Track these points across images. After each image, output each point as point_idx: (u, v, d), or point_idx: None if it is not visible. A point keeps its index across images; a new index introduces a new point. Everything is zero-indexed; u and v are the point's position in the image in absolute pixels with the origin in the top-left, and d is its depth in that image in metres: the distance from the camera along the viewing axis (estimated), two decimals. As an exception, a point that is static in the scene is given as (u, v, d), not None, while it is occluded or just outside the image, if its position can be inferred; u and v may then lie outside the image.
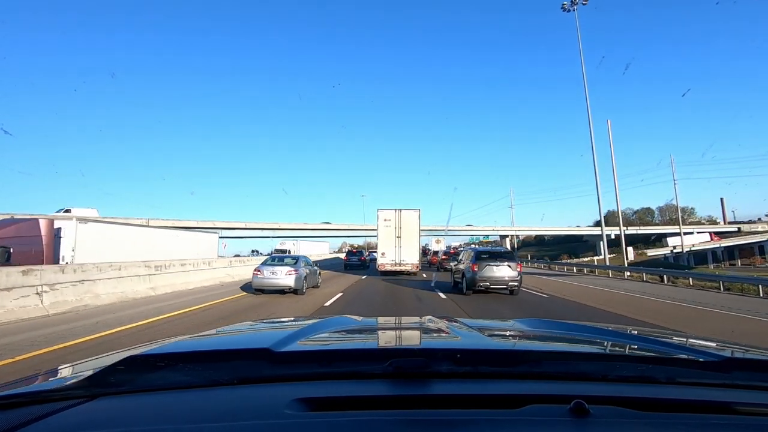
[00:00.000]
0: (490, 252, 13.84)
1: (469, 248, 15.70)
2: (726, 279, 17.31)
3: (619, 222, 23.90)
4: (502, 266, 12.83)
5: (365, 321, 1.93)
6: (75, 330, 7.07)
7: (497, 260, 12.95)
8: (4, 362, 5.08)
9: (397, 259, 20.77)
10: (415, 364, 0.89)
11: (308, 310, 10.14)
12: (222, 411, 0.76)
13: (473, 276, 12.81)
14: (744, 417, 0.77)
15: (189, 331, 2.82)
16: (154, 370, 0.92)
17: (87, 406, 0.79)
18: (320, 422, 0.72)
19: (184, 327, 7.49)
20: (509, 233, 70.94)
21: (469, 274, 13.03)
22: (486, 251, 13.88)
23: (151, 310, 9.39)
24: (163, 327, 7.55)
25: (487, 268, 12.81)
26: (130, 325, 7.63)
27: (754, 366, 1.09)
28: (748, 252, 57.97)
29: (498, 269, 12.81)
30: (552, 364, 1.03)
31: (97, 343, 6.20)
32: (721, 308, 11.20)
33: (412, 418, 0.74)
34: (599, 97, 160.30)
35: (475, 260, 13.05)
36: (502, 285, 12.86)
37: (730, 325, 8.63)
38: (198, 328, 3.73)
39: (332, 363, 1.03)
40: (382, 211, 21.36)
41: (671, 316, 9.76)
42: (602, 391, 0.83)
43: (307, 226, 57.02)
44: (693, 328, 8.01)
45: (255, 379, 0.90)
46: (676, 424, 0.73)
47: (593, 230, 74.25)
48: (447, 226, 56.79)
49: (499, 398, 0.80)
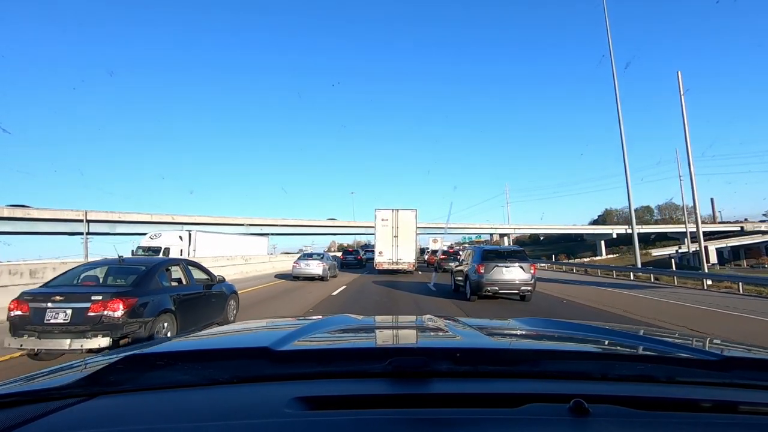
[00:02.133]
0: (499, 251, 11.91)
1: (473, 247, 13.71)
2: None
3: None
4: (513, 267, 10.97)
5: (365, 320, 1.89)
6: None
7: (507, 260, 11.08)
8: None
9: (394, 258, 20.95)
10: (415, 363, 0.88)
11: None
12: (221, 410, 0.76)
13: (479, 279, 10.95)
14: (744, 416, 0.76)
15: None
16: (154, 369, 0.92)
17: (86, 404, 0.80)
18: (320, 421, 0.72)
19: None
20: (508, 231, 69.25)
21: (474, 276, 11.16)
22: (494, 250, 11.95)
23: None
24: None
25: (496, 269, 10.94)
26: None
27: (753, 365, 1.06)
28: (755, 252, 56.56)
29: (508, 271, 10.95)
30: (551, 363, 1.04)
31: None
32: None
33: (411, 417, 0.74)
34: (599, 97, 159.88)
35: (480, 260, 11.18)
36: (512, 290, 11.00)
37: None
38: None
39: (332, 362, 1.02)
40: (380, 210, 21.47)
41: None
42: (602, 390, 0.83)
43: (288, 222, 51.74)
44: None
45: (254, 378, 0.90)
46: (675, 423, 0.73)
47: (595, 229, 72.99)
48: (447, 223, 55.46)
49: (499, 397, 0.80)
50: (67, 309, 4.62)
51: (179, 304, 5.76)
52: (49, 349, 4.72)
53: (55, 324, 4.59)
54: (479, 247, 12.87)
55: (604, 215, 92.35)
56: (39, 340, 4.61)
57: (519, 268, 11.00)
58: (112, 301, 4.68)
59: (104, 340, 4.58)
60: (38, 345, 4.64)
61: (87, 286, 5.19)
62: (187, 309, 5.94)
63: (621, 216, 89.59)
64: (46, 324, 4.59)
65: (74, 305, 4.65)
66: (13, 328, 4.74)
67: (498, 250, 11.94)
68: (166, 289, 5.62)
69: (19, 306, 4.72)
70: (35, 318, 4.63)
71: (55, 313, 4.62)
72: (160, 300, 5.37)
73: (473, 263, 11.52)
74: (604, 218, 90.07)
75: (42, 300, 4.68)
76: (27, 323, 4.64)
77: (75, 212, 32.92)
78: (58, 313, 4.62)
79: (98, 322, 4.60)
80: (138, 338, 4.85)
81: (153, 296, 5.27)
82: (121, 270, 5.80)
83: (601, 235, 68.92)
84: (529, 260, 11.52)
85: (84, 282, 5.40)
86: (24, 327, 4.65)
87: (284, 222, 50.73)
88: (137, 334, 4.87)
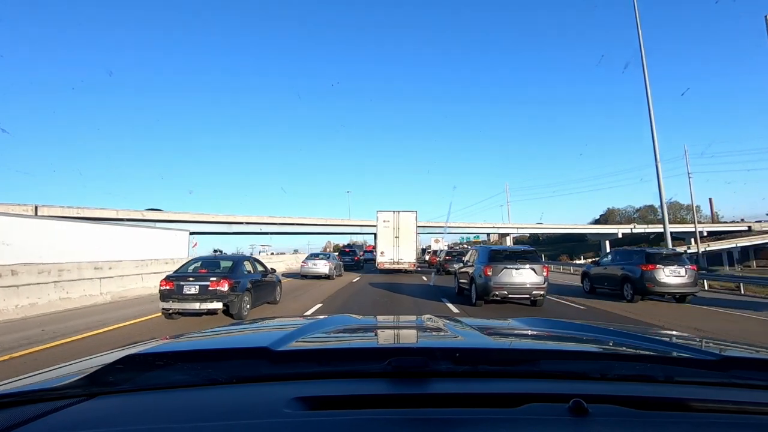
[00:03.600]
0: (508, 251, 10.80)
1: (478, 246, 12.59)
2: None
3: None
4: (524, 270, 9.93)
5: (364, 320, 1.90)
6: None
7: (517, 262, 10.03)
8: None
9: (396, 258, 21.65)
10: (414, 363, 0.88)
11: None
12: (221, 410, 0.75)
13: (486, 282, 9.92)
14: (744, 416, 0.76)
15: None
16: (153, 369, 0.91)
17: (85, 404, 0.79)
18: (319, 421, 0.72)
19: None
20: (510, 231, 68.12)
21: (480, 279, 10.13)
22: (502, 250, 10.85)
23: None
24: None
25: (505, 272, 9.90)
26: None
27: (752, 365, 1.04)
28: (766, 252, 55.18)
29: (518, 273, 9.91)
30: (550, 363, 1.03)
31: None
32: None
33: (411, 417, 0.73)
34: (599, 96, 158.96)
35: (488, 261, 10.14)
36: (523, 294, 9.97)
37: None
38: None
39: (331, 362, 1.01)
40: (382, 212, 22.21)
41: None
42: (601, 390, 0.83)
43: (285, 220, 48.09)
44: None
45: (254, 378, 0.89)
46: (674, 423, 0.72)
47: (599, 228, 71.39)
48: (447, 222, 55.35)
49: (498, 397, 0.79)
50: (196, 285, 7.78)
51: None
52: (185, 309, 7.78)
53: (189, 294, 7.73)
54: (486, 246, 11.80)
55: (606, 215, 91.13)
56: (179, 303, 7.76)
57: (530, 270, 9.96)
58: (221, 281, 7.84)
59: (218, 304, 7.75)
60: (179, 306, 7.78)
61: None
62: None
63: (624, 215, 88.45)
64: (184, 294, 7.72)
65: (200, 283, 7.78)
66: (162, 296, 7.84)
67: (507, 250, 10.85)
68: (246, 275, 8.78)
69: (168, 283, 7.82)
70: (177, 291, 7.74)
71: (189, 287, 7.76)
72: (244, 281, 8.49)
73: (479, 264, 10.49)
74: (606, 218, 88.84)
75: (181, 279, 7.88)
76: (172, 294, 7.76)
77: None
78: (191, 287, 7.76)
79: (214, 293, 7.75)
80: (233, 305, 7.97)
81: (242, 278, 8.49)
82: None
83: (606, 234, 67.26)
84: (542, 261, 10.48)
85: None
86: (170, 296, 7.75)
87: (272, 220, 46.94)
88: (233, 302, 7.94)
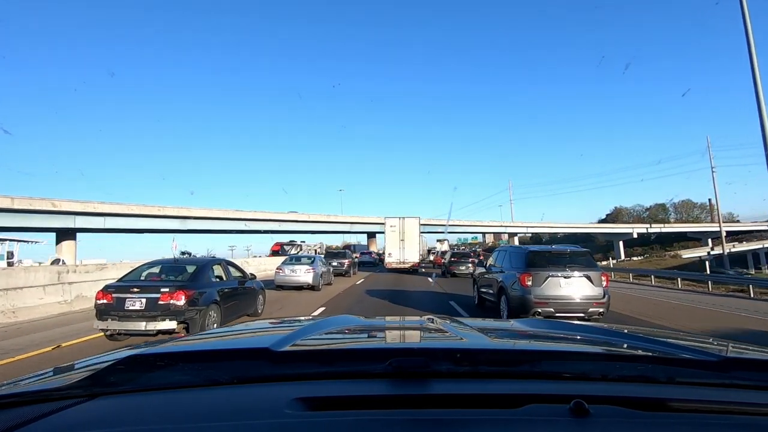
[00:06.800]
0: (552, 253, 8.16)
1: (510, 246, 9.72)
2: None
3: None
4: (576, 278, 7.40)
5: (365, 320, 1.88)
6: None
7: (566, 268, 7.49)
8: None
9: (401, 258, 24.35)
10: (415, 363, 0.87)
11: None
12: (222, 410, 0.75)
13: (523, 295, 7.41)
14: (744, 417, 0.75)
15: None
16: (155, 369, 0.91)
17: (87, 405, 0.79)
18: (320, 422, 0.72)
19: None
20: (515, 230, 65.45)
21: (515, 291, 7.62)
22: (545, 251, 8.24)
23: None
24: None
25: (551, 281, 7.36)
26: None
27: (753, 365, 1.04)
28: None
29: (568, 284, 7.38)
30: (551, 363, 1.02)
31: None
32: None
33: (412, 418, 0.73)
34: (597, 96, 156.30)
35: (525, 267, 7.61)
36: (576, 312, 7.37)
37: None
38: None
39: (332, 362, 1.02)
40: (389, 219, 25.07)
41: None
42: (602, 391, 0.82)
43: (271, 216, 40.93)
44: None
45: (255, 378, 0.89)
46: (675, 423, 0.72)
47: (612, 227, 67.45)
48: (448, 221, 53.38)
49: (499, 398, 0.79)
50: (142, 298, 6.02)
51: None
52: (128, 330, 6.04)
53: (133, 310, 5.99)
54: (521, 247, 9.11)
55: (614, 214, 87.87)
56: (120, 322, 6.02)
57: (585, 278, 7.43)
58: (176, 293, 6.07)
59: (172, 323, 5.99)
60: (119, 326, 6.03)
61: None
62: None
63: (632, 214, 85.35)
64: (126, 310, 5.98)
65: (148, 295, 6.03)
66: (99, 313, 6.09)
67: (550, 252, 8.20)
68: (213, 284, 7.06)
69: (105, 296, 6.08)
70: (117, 305, 6.00)
71: (132, 301, 6.01)
72: (210, 292, 6.79)
73: (512, 270, 7.97)
74: (614, 217, 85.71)
75: (123, 291, 6.09)
76: (111, 309, 6.01)
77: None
78: (135, 301, 6.01)
79: (167, 309, 5.99)
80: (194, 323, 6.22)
81: (207, 287, 6.78)
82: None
83: (619, 234, 63.81)
84: (599, 267, 7.93)
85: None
86: (108, 313, 6.01)
87: (248, 215, 39.29)
88: (194, 320, 6.22)
